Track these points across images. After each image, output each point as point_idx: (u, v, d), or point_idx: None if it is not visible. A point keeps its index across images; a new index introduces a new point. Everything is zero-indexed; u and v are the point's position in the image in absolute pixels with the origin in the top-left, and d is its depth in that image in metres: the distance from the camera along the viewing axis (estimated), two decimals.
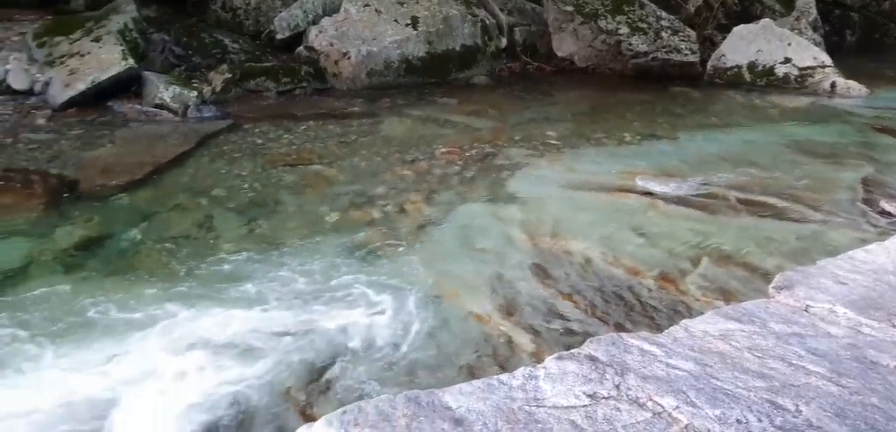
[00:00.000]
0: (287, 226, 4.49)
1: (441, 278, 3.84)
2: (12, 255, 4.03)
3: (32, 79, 6.54)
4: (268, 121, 6.49)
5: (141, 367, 3.06)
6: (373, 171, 5.45)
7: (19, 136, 5.77)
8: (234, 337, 3.30)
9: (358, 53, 7.78)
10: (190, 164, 5.49)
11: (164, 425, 2.76)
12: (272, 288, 3.72)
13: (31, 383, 2.95)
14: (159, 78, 6.74)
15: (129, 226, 4.44)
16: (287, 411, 2.91)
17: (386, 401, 1.71)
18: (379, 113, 7.02)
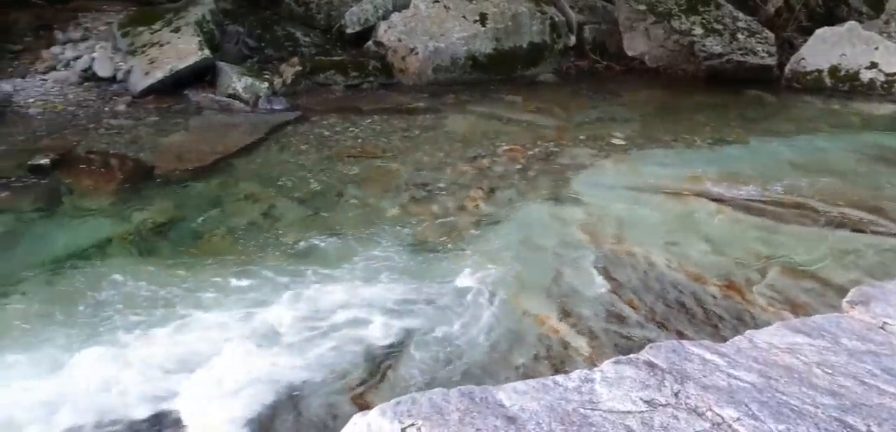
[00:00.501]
0: (348, 218, 4.56)
1: (498, 276, 3.82)
2: (92, 233, 4.24)
3: (116, 66, 6.85)
4: (334, 115, 6.60)
5: (207, 341, 3.18)
6: (434, 167, 5.47)
7: (101, 121, 6.04)
8: (290, 322, 3.37)
9: (425, 49, 7.83)
10: (259, 154, 5.63)
11: (228, 397, 2.86)
12: (331, 276, 3.79)
13: (107, 352, 3.09)
14: (233, 69, 6.96)
15: (200, 211, 4.59)
16: (340, 395, 2.96)
17: (439, 395, 1.72)
18: (443, 109, 7.04)
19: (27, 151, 5.22)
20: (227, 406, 2.82)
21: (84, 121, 6.01)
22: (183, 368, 3.04)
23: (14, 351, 3.07)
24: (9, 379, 2.90)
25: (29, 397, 2.79)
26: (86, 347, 3.11)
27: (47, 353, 3.07)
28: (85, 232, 4.26)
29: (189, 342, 3.20)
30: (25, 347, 3.10)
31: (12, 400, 2.76)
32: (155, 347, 3.14)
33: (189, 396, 2.89)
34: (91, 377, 2.93)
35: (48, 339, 3.16)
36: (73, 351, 3.09)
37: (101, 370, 2.98)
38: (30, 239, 4.16)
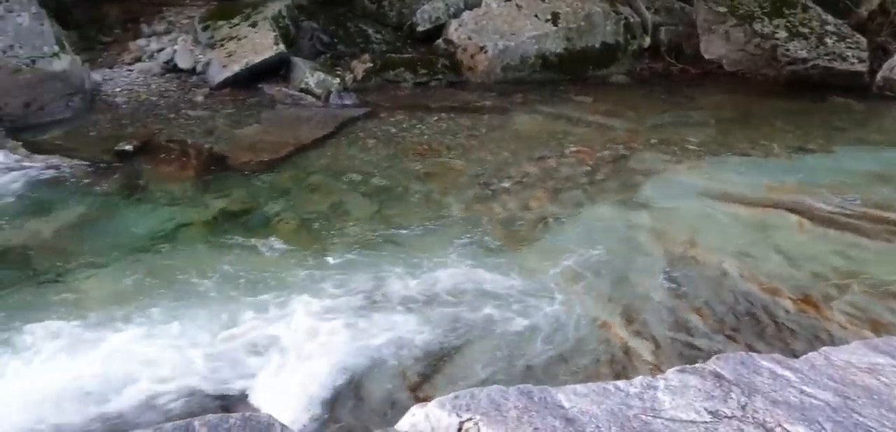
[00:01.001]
0: (412, 214, 4.59)
1: (560, 277, 3.77)
2: (170, 218, 4.42)
3: (195, 59, 7.11)
4: (402, 111, 6.66)
5: (273, 324, 3.29)
6: (499, 166, 5.45)
7: (180, 111, 6.29)
8: (352, 312, 3.43)
9: (495, 48, 7.81)
10: (328, 148, 5.74)
11: (292, 380, 2.94)
12: (392, 270, 3.82)
13: (183, 329, 3.23)
14: (306, 64, 7.11)
15: (271, 201, 4.72)
16: (398, 386, 2.99)
17: (498, 391, 1.70)
18: (510, 108, 7.00)
19: (113, 137, 5.48)
20: (291, 388, 2.89)
21: (165, 111, 6.26)
22: (249, 348, 3.14)
23: (101, 322, 3.24)
24: (95, 346, 3.06)
25: (107, 368, 2.93)
26: (164, 324, 3.26)
27: (131, 326, 3.22)
28: (163, 216, 4.44)
29: (257, 323, 3.30)
30: (110, 320, 3.26)
31: (95, 369, 2.91)
32: (226, 327, 3.26)
33: (256, 375, 2.98)
34: (166, 352, 3.07)
35: (131, 314, 3.31)
36: (150, 327, 3.24)
37: (176, 345, 3.11)
38: (114, 220, 4.37)
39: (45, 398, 2.76)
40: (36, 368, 2.95)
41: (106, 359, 3.00)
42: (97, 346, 3.09)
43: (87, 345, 3.09)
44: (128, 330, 3.21)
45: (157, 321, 3.30)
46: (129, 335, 3.18)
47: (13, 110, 5.49)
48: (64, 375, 2.89)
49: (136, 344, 3.12)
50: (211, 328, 3.27)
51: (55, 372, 2.91)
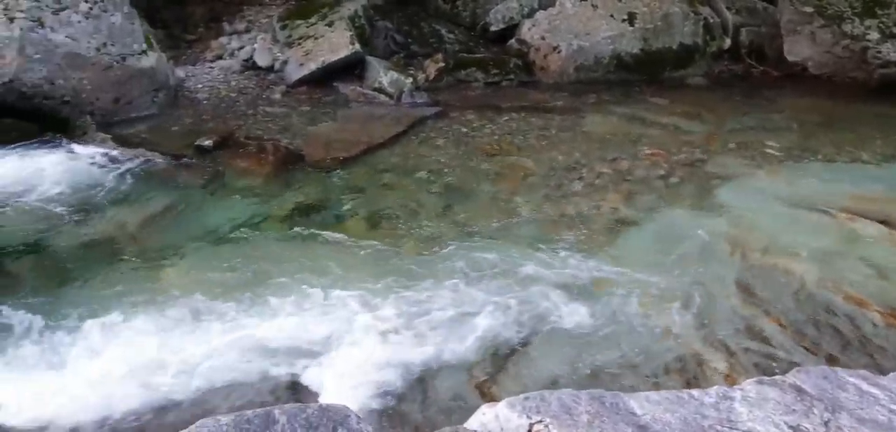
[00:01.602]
0: (482, 213, 4.59)
1: (632, 283, 3.70)
2: (247, 211, 4.57)
3: (274, 57, 7.32)
4: (473, 111, 6.67)
5: (343, 319, 3.37)
6: (570, 167, 5.39)
7: (259, 108, 6.48)
8: (421, 308, 3.46)
9: (568, 48, 7.72)
10: (400, 146, 5.80)
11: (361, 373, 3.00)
12: (461, 269, 3.83)
13: (256, 319, 3.34)
14: (380, 63, 7.22)
15: (344, 197, 4.82)
16: (465, 384, 3.01)
17: (569, 395, 1.69)
18: (583, 109, 6.90)
19: (195, 133, 5.70)
20: (359, 381, 2.94)
21: (243, 108, 6.46)
22: (319, 340, 3.21)
23: (179, 310, 3.38)
24: (172, 332, 3.19)
25: (181, 354, 3.06)
26: (239, 312, 3.38)
27: (207, 315, 3.35)
28: (240, 209, 4.59)
29: (328, 316, 3.37)
30: (187, 309, 3.39)
31: (171, 354, 3.04)
32: (297, 318, 3.34)
33: (324, 366, 3.05)
34: (240, 339, 3.17)
35: (207, 303, 3.45)
36: (226, 314, 3.36)
37: (249, 333, 3.21)
38: (195, 212, 4.55)
39: (125, 379, 2.89)
40: (117, 350, 3.08)
41: (181, 345, 3.13)
42: (174, 332, 3.22)
43: (165, 331, 3.22)
44: (204, 319, 3.33)
45: (232, 310, 3.41)
46: (205, 323, 3.31)
47: (104, 105, 5.78)
48: (142, 357, 3.02)
49: (211, 331, 3.24)
50: (283, 318, 3.36)
51: (134, 354, 3.05)
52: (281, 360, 3.10)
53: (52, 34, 5.48)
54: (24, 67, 5.27)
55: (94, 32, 5.75)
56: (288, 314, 3.40)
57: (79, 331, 3.20)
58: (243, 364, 3.06)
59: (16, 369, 2.95)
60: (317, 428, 1.34)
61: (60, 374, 2.93)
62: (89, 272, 3.73)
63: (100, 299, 3.46)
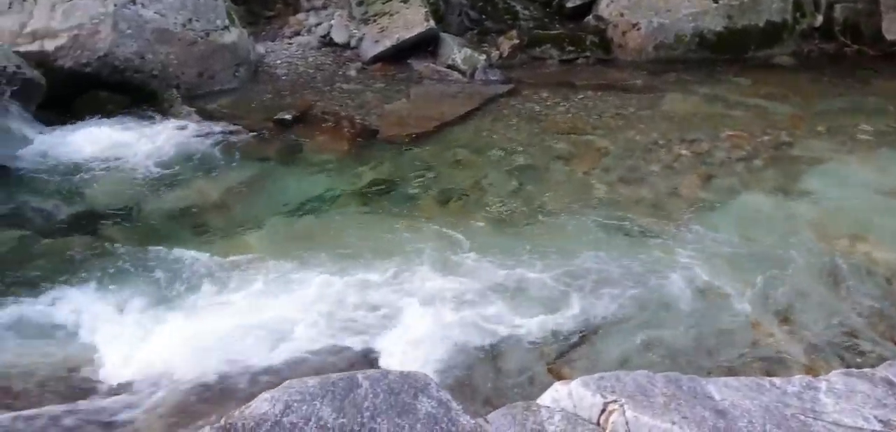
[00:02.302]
0: (554, 193, 4.55)
1: (708, 268, 3.60)
2: (322, 185, 4.68)
3: (350, 33, 7.43)
4: (547, 89, 6.59)
5: (413, 291, 3.43)
6: (647, 148, 5.26)
7: (335, 84, 6.60)
8: (491, 285, 3.47)
9: (649, 25, 7.51)
10: (472, 124, 5.80)
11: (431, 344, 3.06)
12: (533, 248, 3.82)
13: (331, 288, 3.43)
14: (454, 40, 7.22)
15: (416, 174, 4.86)
16: (537, 362, 3.01)
17: (645, 376, 1.67)
18: (661, 88, 6.71)
19: (274, 107, 5.86)
20: (430, 352, 2.99)
21: (320, 83, 6.59)
22: (392, 311, 3.27)
23: (257, 278, 3.51)
24: (250, 300, 3.32)
25: (261, 319, 3.17)
26: (312, 282, 3.48)
27: (283, 283, 3.47)
28: (316, 183, 4.71)
29: (400, 288, 3.44)
30: (265, 278, 3.52)
31: (246, 319, 3.18)
32: (370, 289, 3.42)
33: (396, 337, 3.11)
34: (312, 307, 3.28)
35: (284, 272, 3.56)
36: (300, 283, 3.47)
37: (322, 302, 3.32)
38: (273, 184, 4.69)
39: (211, 341, 3.02)
40: (202, 314, 3.24)
41: (261, 311, 3.25)
42: (254, 299, 3.34)
43: (246, 298, 3.35)
44: (282, 287, 3.45)
45: (306, 279, 3.51)
46: (283, 291, 3.41)
47: (188, 79, 6.01)
48: (226, 322, 3.16)
49: (289, 299, 3.35)
50: (356, 289, 3.44)
51: (218, 318, 3.19)
52: (354, 328, 3.18)
53: (142, 10, 5.72)
54: (117, 42, 5.53)
55: (180, 8, 5.97)
56: (361, 285, 3.47)
57: (166, 295, 3.38)
58: (319, 330, 3.16)
59: (111, 329, 3.12)
60: (398, 394, 1.37)
61: (153, 335, 3.08)
62: (175, 238, 3.91)
63: (185, 265, 3.62)
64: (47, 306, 3.23)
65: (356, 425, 1.29)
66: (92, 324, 3.13)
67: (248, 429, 1.31)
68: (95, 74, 5.50)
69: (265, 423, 1.31)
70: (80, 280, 3.42)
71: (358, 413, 1.32)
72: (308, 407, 1.34)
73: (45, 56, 5.31)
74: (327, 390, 1.37)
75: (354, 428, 1.28)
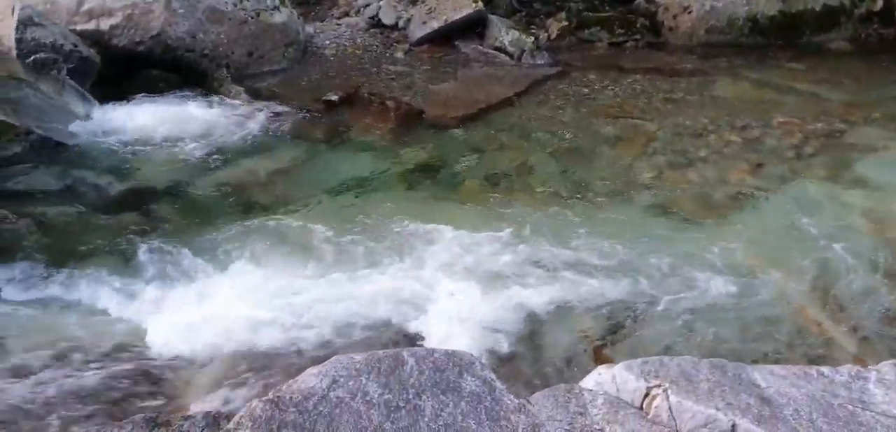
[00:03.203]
0: (600, 178, 4.51)
1: (756, 256, 3.54)
2: (368, 166, 4.73)
3: (398, 15, 7.45)
4: (595, 72, 6.52)
5: (458, 272, 3.44)
6: (696, 133, 5.17)
7: (382, 66, 6.64)
8: (535, 268, 3.47)
9: (700, 8, 7.35)
10: (518, 107, 5.78)
11: (473, 326, 3.07)
12: (578, 232, 3.81)
13: (374, 267, 3.49)
14: (502, 22, 7.19)
15: (461, 156, 4.87)
16: (578, 345, 3.01)
17: (689, 362, 1.66)
18: (712, 72, 6.57)
19: (321, 88, 5.94)
20: (473, 332, 3.01)
21: (367, 65, 6.64)
22: (435, 291, 3.30)
23: (304, 256, 3.58)
24: (296, 277, 3.39)
25: (307, 296, 3.24)
26: (356, 261, 3.54)
27: (329, 262, 3.53)
28: (362, 163, 4.76)
29: (443, 269, 3.46)
30: (311, 255, 3.59)
31: (295, 296, 3.23)
32: (415, 269, 3.46)
33: (439, 316, 3.14)
34: (356, 286, 3.33)
35: (327, 250, 3.63)
36: (343, 263, 3.53)
37: (365, 281, 3.37)
38: (320, 164, 4.77)
39: (258, 316, 3.09)
40: (247, 290, 3.29)
41: (307, 288, 3.31)
42: (300, 276, 3.40)
43: (292, 275, 3.41)
44: (328, 265, 3.51)
45: (354, 257, 3.57)
46: (329, 269, 3.47)
47: (238, 58, 6.11)
48: (271, 298, 3.22)
49: (334, 276, 3.40)
50: (399, 268, 3.48)
51: (258, 294, 3.25)
52: (396, 307, 3.22)
53: None
54: (170, 22, 5.66)
55: None
56: (404, 264, 3.51)
57: (213, 271, 3.46)
58: (362, 308, 3.21)
59: (161, 302, 3.23)
60: (443, 372, 1.40)
61: (199, 309, 3.17)
62: (224, 215, 4.01)
63: (233, 241, 3.71)
64: (100, 278, 3.33)
65: (401, 401, 1.32)
66: (142, 296, 3.24)
67: (295, 403, 1.36)
68: (148, 53, 5.64)
69: (313, 397, 1.35)
70: (131, 253, 3.53)
71: (403, 389, 1.35)
72: (354, 382, 1.37)
73: (100, 35, 5.47)
74: (373, 366, 1.41)
75: (400, 405, 1.31)
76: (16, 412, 2.43)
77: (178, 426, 1.99)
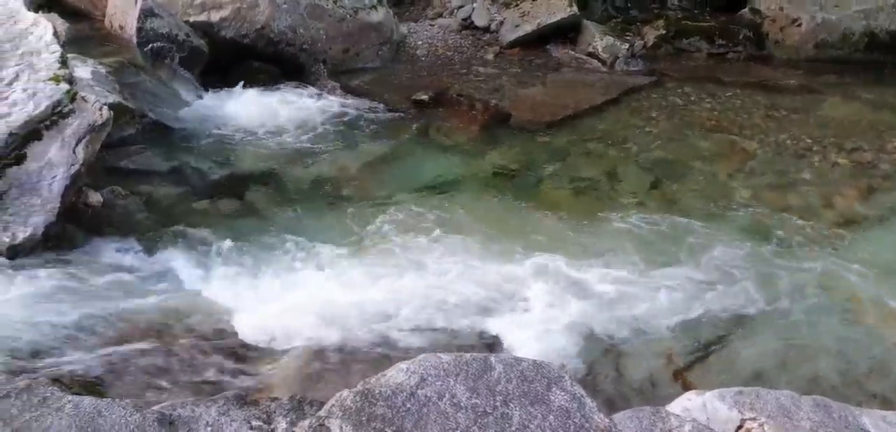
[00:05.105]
0: (692, 193, 4.37)
1: (863, 288, 3.33)
2: (452, 167, 4.75)
3: (491, 17, 7.45)
4: (691, 83, 6.31)
5: (532, 281, 3.39)
6: (799, 153, 4.92)
7: (471, 67, 6.65)
8: (616, 284, 3.37)
9: (811, 21, 6.98)
10: (609, 115, 5.66)
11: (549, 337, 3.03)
12: (666, 248, 3.69)
13: (454, 269, 3.47)
14: (596, 27, 7.06)
15: (546, 162, 4.83)
16: (661, 367, 2.92)
17: (788, 397, 1.57)
18: (820, 89, 6.23)
19: (412, 87, 6.00)
20: (552, 342, 2.97)
21: (457, 66, 6.67)
22: (514, 298, 3.28)
23: (389, 252, 3.63)
24: (380, 273, 3.43)
25: (390, 289, 3.28)
26: (437, 261, 3.54)
27: (412, 260, 3.56)
28: (447, 164, 4.79)
29: (524, 276, 3.43)
30: (395, 252, 3.63)
31: (375, 291, 3.28)
32: (494, 273, 3.44)
33: (518, 324, 3.12)
34: (435, 286, 3.34)
35: (412, 248, 3.66)
36: (425, 262, 3.55)
37: (443, 282, 3.37)
38: (407, 162, 4.83)
39: (336, 308, 3.13)
40: (328, 282, 3.36)
41: (385, 284, 3.33)
42: (384, 272, 3.44)
43: (376, 271, 3.45)
44: (410, 263, 3.53)
45: (434, 257, 3.58)
46: (411, 267, 3.49)
47: (335, 54, 6.27)
48: (350, 291, 3.27)
49: (413, 274, 3.42)
50: (481, 272, 3.46)
51: (343, 287, 3.30)
52: (476, 310, 3.21)
53: None
54: (274, 16, 5.86)
55: None
56: (486, 268, 3.50)
57: (301, 261, 3.55)
58: (444, 308, 3.21)
59: (252, 286, 3.33)
60: (531, 382, 1.38)
61: (287, 297, 3.26)
62: (314, 206, 4.12)
63: (321, 232, 3.80)
64: (196, 257, 3.47)
65: (489, 407, 1.31)
66: (234, 279, 3.35)
67: (385, 397, 1.37)
68: (252, 45, 5.86)
69: (401, 393, 1.36)
70: (226, 237, 3.63)
71: (491, 395, 1.34)
72: (442, 382, 1.37)
73: (209, 26, 5.73)
74: (461, 368, 1.40)
75: (487, 411, 1.30)
76: (114, 379, 2.56)
77: (265, 406, 2.06)
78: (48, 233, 3.10)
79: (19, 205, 3.11)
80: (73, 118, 3.48)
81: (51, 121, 3.42)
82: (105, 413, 1.70)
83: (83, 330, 2.74)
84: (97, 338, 2.72)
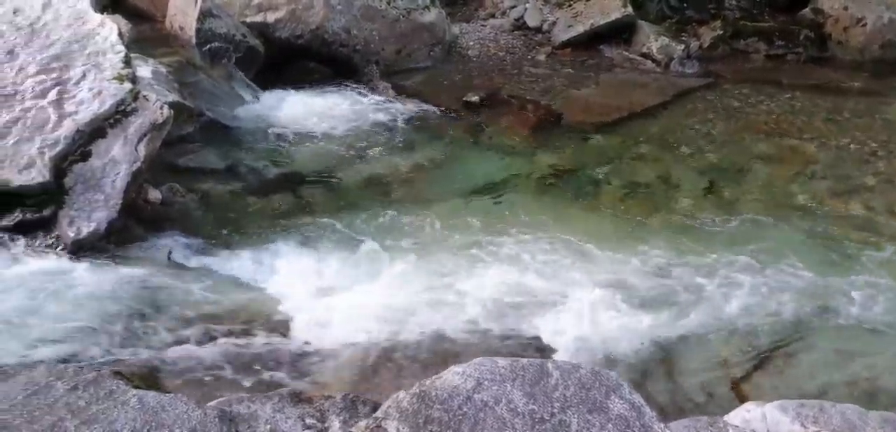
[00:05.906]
0: (749, 197, 4.27)
1: None
2: (503, 168, 4.74)
3: (543, 17, 7.41)
4: (749, 85, 6.16)
5: (580, 284, 3.37)
6: (863, 158, 4.76)
7: (523, 68, 6.63)
8: (672, 290, 3.33)
9: (877, 20, 6.73)
10: (662, 116, 5.57)
11: (598, 343, 2.99)
12: (722, 254, 3.62)
13: (503, 270, 3.47)
14: (650, 28, 6.96)
15: (597, 164, 4.78)
16: (717, 376, 2.86)
17: (855, 412, 1.53)
18: (885, 92, 6.00)
19: (463, 88, 6.01)
20: (604, 348, 2.94)
21: (509, 67, 6.65)
22: (565, 301, 3.25)
23: (440, 252, 3.64)
24: (431, 274, 3.45)
25: (441, 291, 3.29)
26: (485, 263, 3.55)
27: (462, 261, 3.57)
28: (498, 165, 4.78)
29: (575, 279, 3.40)
30: (447, 253, 3.65)
31: (424, 294, 3.30)
32: (546, 277, 3.43)
33: (569, 328, 3.09)
34: (489, 287, 3.34)
35: (460, 250, 3.67)
36: (473, 264, 3.55)
37: (492, 284, 3.36)
38: (458, 163, 4.84)
39: (388, 308, 3.16)
40: (380, 282, 3.39)
41: (437, 286, 3.34)
42: (429, 273, 3.45)
43: (421, 271, 3.47)
44: (459, 265, 3.53)
45: (484, 259, 3.58)
46: (460, 269, 3.49)
47: (387, 55, 6.32)
48: (402, 291, 3.29)
49: (464, 276, 3.42)
50: (532, 275, 3.46)
51: (395, 288, 3.32)
52: (526, 314, 3.20)
53: None
54: (328, 17, 5.95)
55: None
56: (537, 271, 3.49)
57: (354, 260, 3.58)
58: (494, 311, 3.21)
59: (305, 284, 3.38)
60: (589, 390, 1.37)
61: (341, 296, 3.29)
62: (367, 206, 4.15)
63: (374, 232, 3.83)
64: (251, 255, 3.53)
65: (546, 414, 1.31)
66: (288, 277, 3.39)
67: (441, 400, 1.38)
68: (306, 46, 5.97)
69: (458, 396, 1.37)
70: (280, 235, 3.71)
71: (548, 402, 1.34)
72: (499, 387, 1.38)
73: (265, 27, 5.85)
74: (517, 373, 1.41)
75: (545, 417, 1.30)
76: (173, 373, 2.64)
77: (319, 404, 2.09)
78: (110, 228, 3.20)
79: (83, 201, 3.22)
80: (136, 116, 3.59)
81: (115, 119, 3.54)
82: (168, 408, 1.76)
83: (142, 324, 2.82)
84: (156, 333, 2.80)
